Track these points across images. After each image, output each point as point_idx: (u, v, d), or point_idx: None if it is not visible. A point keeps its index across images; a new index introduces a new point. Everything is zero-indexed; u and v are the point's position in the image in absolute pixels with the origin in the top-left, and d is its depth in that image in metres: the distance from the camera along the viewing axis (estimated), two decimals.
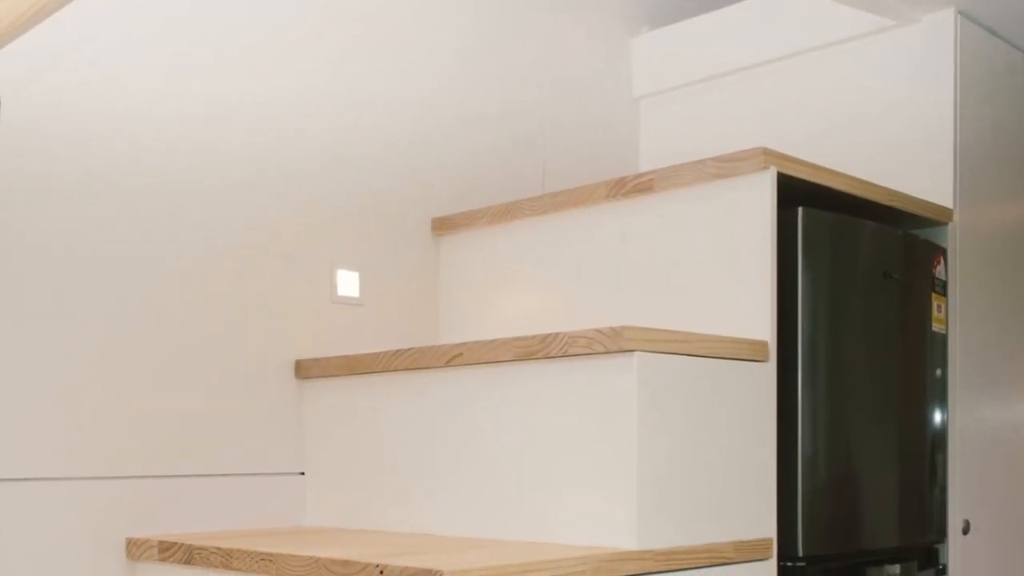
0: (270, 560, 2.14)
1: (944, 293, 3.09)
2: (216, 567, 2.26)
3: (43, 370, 2.37)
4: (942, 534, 3.04)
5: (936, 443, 3.04)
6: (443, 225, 3.17)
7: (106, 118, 2.50)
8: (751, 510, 2.45)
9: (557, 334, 2.28)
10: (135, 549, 2.45)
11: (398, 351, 2.58)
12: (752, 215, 2.55)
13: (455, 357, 2.46)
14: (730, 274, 2.57)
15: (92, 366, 2.45)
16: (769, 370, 2.51)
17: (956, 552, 3.08)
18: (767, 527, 2.49)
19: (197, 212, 2.65)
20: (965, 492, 3.13)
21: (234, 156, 2.73)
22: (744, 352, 2.45)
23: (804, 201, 2.68)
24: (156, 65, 2.59)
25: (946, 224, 3.13)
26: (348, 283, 2.94)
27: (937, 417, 3.05)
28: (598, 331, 2.21)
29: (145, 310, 2.54)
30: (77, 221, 2.45)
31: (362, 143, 3.01)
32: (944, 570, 3.05)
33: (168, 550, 2.37)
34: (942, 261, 3.09)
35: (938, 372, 3.06)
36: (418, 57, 3.17)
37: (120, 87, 2.53)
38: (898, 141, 3.25)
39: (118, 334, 2.49)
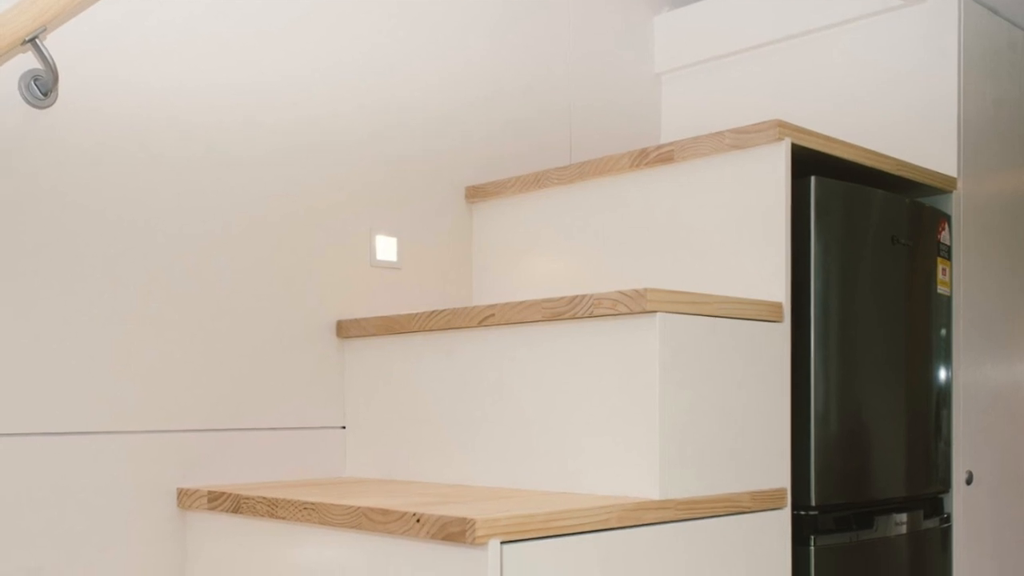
0: (313, 509, 2.13)
1: (948, 257, 3.07)
2: (262, 516, 2.25)
3: (101, 332, 2.36)
4: (946, 484, 3.04)
5: (941, 399, 3.02)
6: (476, 193, 3.15)
7: (157, 92, 2.48)
8: (766, 462, 2.43)
9: (583, 296, 2.25)
10: (185, 498, 2.45)
11: (433, 312, 2.57)
12: (767, 184, 2.52)
13: (487, 318, 2.44)
14: (746, 239, 2.55)
15: (147, 328, 2.44)
16: (783, 330, 2.49)
17: (960, 501, 3.07)
18: (782, 478, 2.47)
19: (243, 182, 2.63)
20: (968, 445, 3.12)
21: (278, 129, 2.71)
22: (760, 313, 2.42)
23: (817, 171, 2.67)
24: (204, 41, 2.57)
25: (950, 192, 3.11)
26: (386, 248, 2.92)
27: (942, 374, 3.03)
28: (622, 293, 2.19)
29: (195, 274, 2.53)
30: (131, 190, 2.43)
31: (400, 116, 2.99)
32: (948, 518, 3.04)
33: (217, 499, 2.36)
34: (946, 227, 3.06)
35: (943, 332, 3.04)
36: (452, 35, 3.14)
37: (170, 62, 2.51)
38: (905, 114, 3.22)
39: (170, 297, 2.48)
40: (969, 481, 3.10)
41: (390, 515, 1.96)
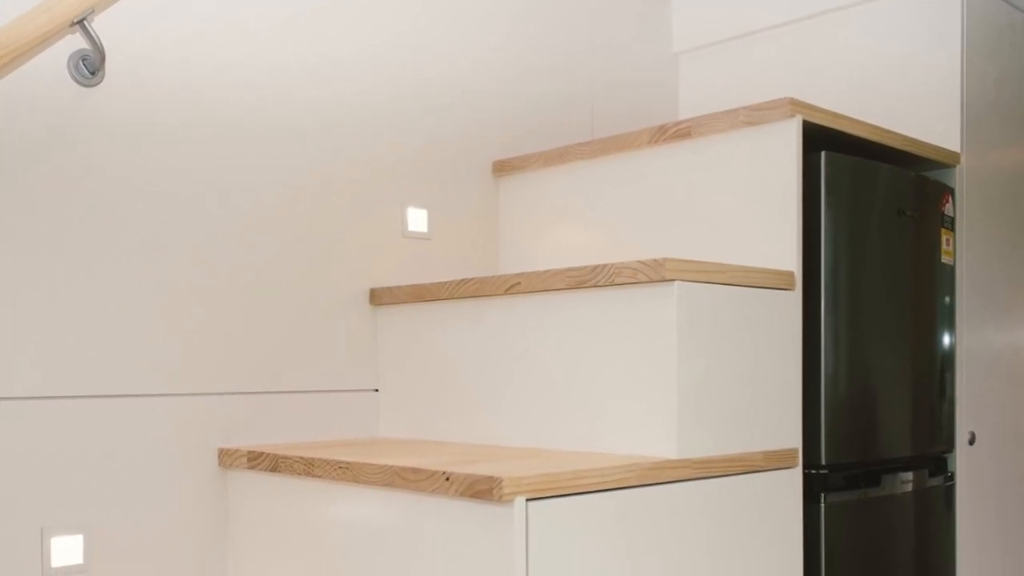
0: (347, 468, 2.12)
1: (952, 228, 3.04)
2: (299, 474, 2.24)
3: (146, 300, 2.35)
4: (950, 444, 3.02)
5: (945, 363, 3.00)
6: (503, 167, 3.13)
7: (198, 71, 2.46)
8: (779, 423, 2.42)
9: (605, 265, 2.23)
10: (226, 458, 2.44)
11: (462, 280, 2.55)
12: (780, 159, 2.50)
13: (513, 286, 2.42)
14: (760, 211, 2.53)
15: (190, 296, 2.43)
16: (795, 297, 2.47)
17: (963, 460, 3.06)
18: (793, 438, 2.45)
19: (281, 157, 2.62)
20: (971, 407, 3.11)
21: (315, 106, 2.69)
22: (772, 281, 2.40)
23: (827, 146, 2.68)
24: (244, 23, 2.54)
25: (953, 167, 3.09)
26: (417, 219, 2.91)
27: (945, 339, 3.01)
28: (642, 262, 2.17)
29: (235, 245, 2.51)
30: (174, 165, 2.41)
31: (430, 94, 2.97)
32: (952, 477, 3.03)
33: (256, 459, 2.36)
34: (950, 200, 3.03)
35: (946, 299, 3.01)
36: (480, 17, 3.12)
37: (211, 43, 2.48)
38: (911, 92, 3.20)
39: (211, 267, 2.47)
40: (972, 441, 3.09)
41: (421, 474, 1.94)
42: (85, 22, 2.19)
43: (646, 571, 2.05)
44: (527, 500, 1.81)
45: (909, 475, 2.81)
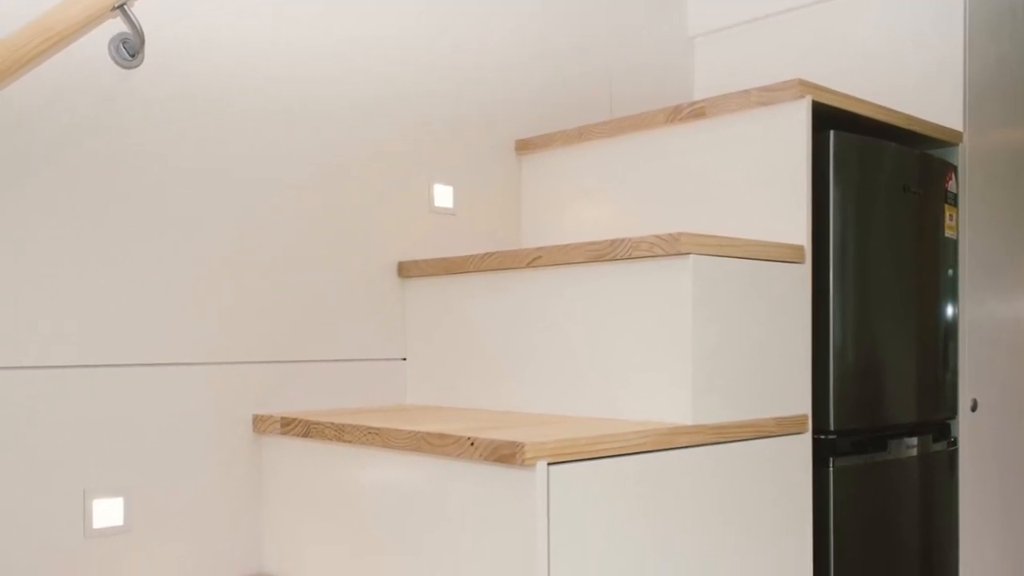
0: (377, 434, 2.11)
1: (955, 204, 3.03)
2: (330, 439, 2.23)
3: (184, 273, 2.33)
4: (953, 411, 3.01)
5: (948, 333, 2.98)
6: (525, 146, 3.11)
7: (234, 53, 2.44)
8: (789, 390, 2.40)
9: (623, 239, 2.22)
10: (260, 424, 2.43)
11: (486, 254, 2.54)
12: (790, 138, 2.49)
13: (535, 259, 2.41)
14: (771, 188, 2.52)
15: (226, 269, 2.41)
16: (805, 270, 2.45)
17: (966, 426, 3.05)
18: (803, 405, 2.44)
19: (313, 135, 2.60)
20: (973, 375, 3.09)
21: (345, 86, 2.67)
22: (783, 255, 2.38)
23: (835, 125, 2.68)
24: (276, 6, 2.52)
25: (956, 145, 3.08)
26: (443, 195, 2.89)
27: (949, 311, 2.99)
28: (658, 236, 2.15)
29: (268, 220, 2.49)
30: (210, 143, 2.39)
31: (455, 76, 2.95)
32: (955, 442, 3.01)
33: (289, 425, 2.35)
34: (953, 177, 3.02)
35: (949, 272, 2.99)
36: (503, 1, 3.10)
37: (245, 26, 2.46)
38: (916, 73, 3.18)
39: (246, 241, 2.45)
40: (974, 408, 3.08)
41: (447, 439, 1.94)
42: (125, 6, 2.17)
43: (662, 531, 2.04)
44: (548, 464, 1.81)
45: (914, 440, 2.81)
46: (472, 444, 1.88)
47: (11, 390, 2.06)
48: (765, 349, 2.34)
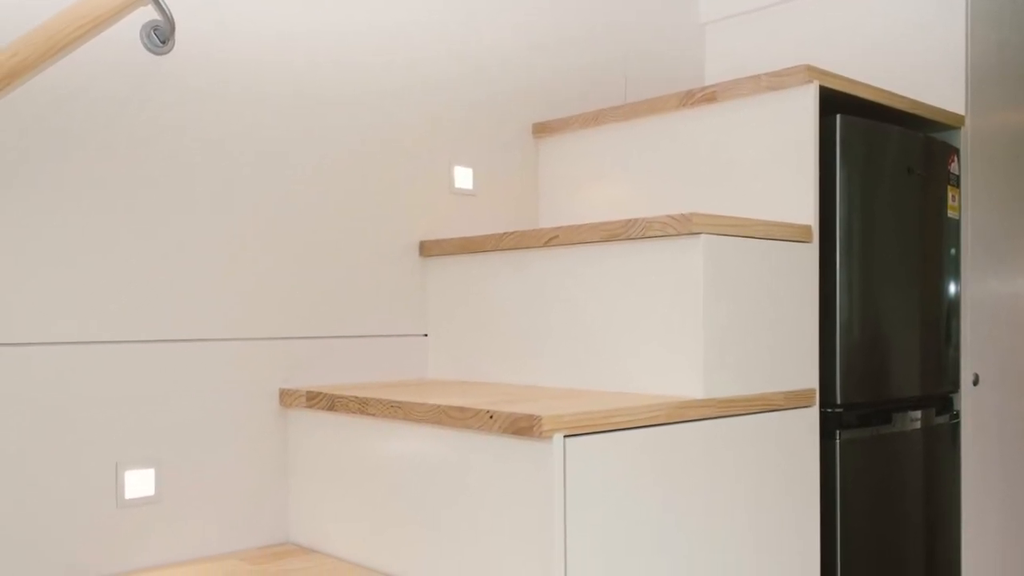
0: (399, 407, 2.10)
1: (957, 185, 3.01)
2: (354, 413, 2.22)
3: (213, 252, 2.32)
4: (956, 385, 2.99)
5: (951, 309, 2.96)
6: (542, 129, 3.10)
7: (261, 39, 2.42)
8: (797, 365, 2.39)
9: (637, 219, 2.20)
10: (287, 398, 2.43)
11: (505, 233, 2.53)
12: (798, 121, 2.48)
13: (552, 238, 2.40)
14: (780, 170, 2.50)
15: (253, 248, 2.40)
16: (812, 249, 2.44)
17: (967, 400, 3.04)
18: (811, 379, 2.43)
19: (338, 119, 2.58)
20: (975, 350, 3.08)
21: (369, 72, 2.65)
22: (791, 234, 2.36)
23: (841, 109, 2.67)
24: None
25: (958, 128, 3.06)
26: (464, 177, 2.88)
27: (951, 288, 2.97)
28: (671, 217, 2.14)
29: (296, 200, 2.48)
30: (239, 127, 2.38)
31: (476, 62, 2.93)
32: (957, 415, 3.00)
33: (314, 399, 2.34)
34: (955, 159, 3.00)
35: (952, 251, 2.98)
36: None
37: (273, 12, 2.44)
38: (920, 59, 3.15)
39: (273, 221, 2.44)
40: (976, 382, 3.07)
41: (467, 412, 1.93)
42: None
43: (674, 501, 2.03)
44: (565, 436, 1.80)
45: (917, 414, 2.79)
46: (491, 417, 1.87)
47: (47, 365, 2.06)
48: (774, 325, 2.32)
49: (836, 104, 2.64)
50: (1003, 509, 3.23)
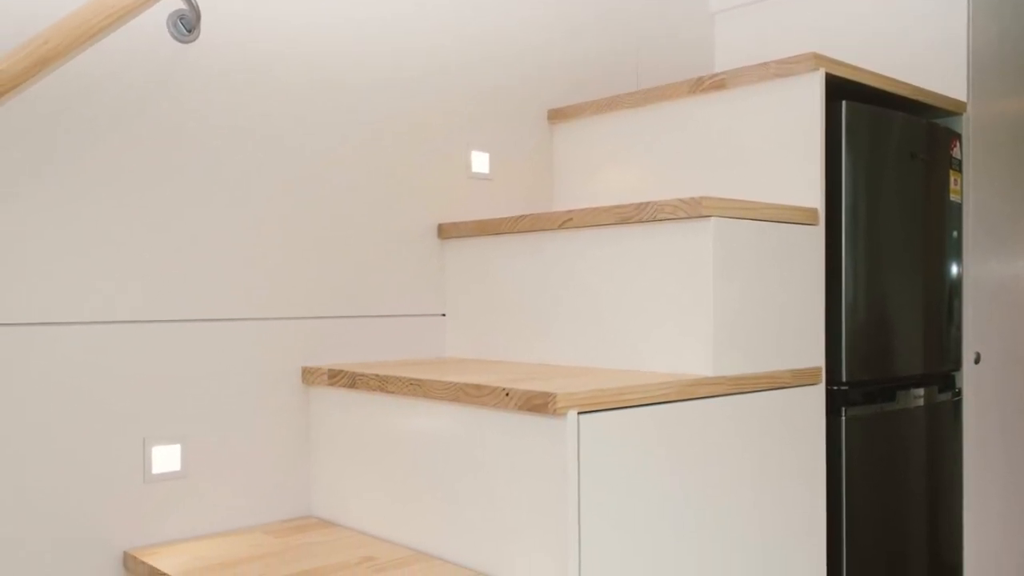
0: (418, 384, 2.09)
1: (959, 170, 2.99)
2: (374, 390, 2.22)
3: (237, 234, 2.32)
4: (958, 364, 2.98)
5: (953, 290, 2.95)
6: (557, 115, 3.08)
7: (284, 27, 2.41)
8: (804, 344, 2.37)
9: (649, 203, 2.19)
10: (309, 376, 2.42)
11: (520, 216, 2.51)
12: (805, 108, 2.46)
13: (566, 221, 2.38)
14: (787, 155, 2.48)
15: (276, 230, 2.39)
16: (818, 232, 2.42)
17: (969, 378, 3.03)
18: (817, 358, 2.41)
19: (359, 105, 2.57)
20: (976, 329, 3.06)
21: (389, 59, 2.64)
22: (798, 217, 2.35)
23: (847, 96, 2.67)
24: None
25: (960, 114, 3.04)
26: (480, 161, 2.87)
27: (953, 269, 2.95)
28: (681, 200, 2.12)
29: (317, 184, 2.47)
30: (262, 113, 2.36)
31: (491, 48, 2.92)
32: (959, 393, 2.99)
33: (335, 376, 2.33)
34: (957, 144, 2.98)
35: (954, 233, 2.96)
36: None
37: (295, 1, 2.43)
38: (922, 47, 3.13)
39: (295, 205, 2.43)
40: (977, 361, 3.06)
41: (483, 390, 1.92)
42: None
43: (684, 476, 2.02)
44: (578, 413, 1.79)
45: (920, 391, 2.78)
46: (507, 395, 1.86)
47: (77, 343, 2.05)
48: (781, 306, 2.31)
49: (842, 91, 2.62)
50: (1003, 483, 3.21)
